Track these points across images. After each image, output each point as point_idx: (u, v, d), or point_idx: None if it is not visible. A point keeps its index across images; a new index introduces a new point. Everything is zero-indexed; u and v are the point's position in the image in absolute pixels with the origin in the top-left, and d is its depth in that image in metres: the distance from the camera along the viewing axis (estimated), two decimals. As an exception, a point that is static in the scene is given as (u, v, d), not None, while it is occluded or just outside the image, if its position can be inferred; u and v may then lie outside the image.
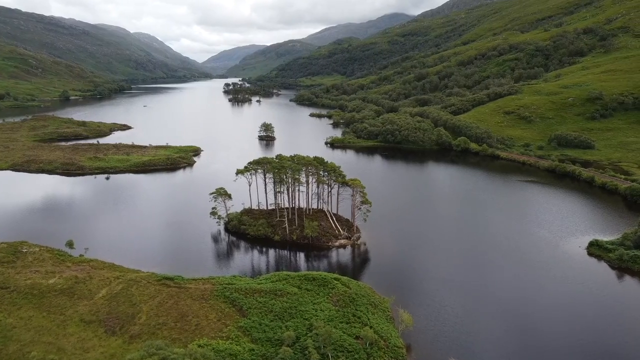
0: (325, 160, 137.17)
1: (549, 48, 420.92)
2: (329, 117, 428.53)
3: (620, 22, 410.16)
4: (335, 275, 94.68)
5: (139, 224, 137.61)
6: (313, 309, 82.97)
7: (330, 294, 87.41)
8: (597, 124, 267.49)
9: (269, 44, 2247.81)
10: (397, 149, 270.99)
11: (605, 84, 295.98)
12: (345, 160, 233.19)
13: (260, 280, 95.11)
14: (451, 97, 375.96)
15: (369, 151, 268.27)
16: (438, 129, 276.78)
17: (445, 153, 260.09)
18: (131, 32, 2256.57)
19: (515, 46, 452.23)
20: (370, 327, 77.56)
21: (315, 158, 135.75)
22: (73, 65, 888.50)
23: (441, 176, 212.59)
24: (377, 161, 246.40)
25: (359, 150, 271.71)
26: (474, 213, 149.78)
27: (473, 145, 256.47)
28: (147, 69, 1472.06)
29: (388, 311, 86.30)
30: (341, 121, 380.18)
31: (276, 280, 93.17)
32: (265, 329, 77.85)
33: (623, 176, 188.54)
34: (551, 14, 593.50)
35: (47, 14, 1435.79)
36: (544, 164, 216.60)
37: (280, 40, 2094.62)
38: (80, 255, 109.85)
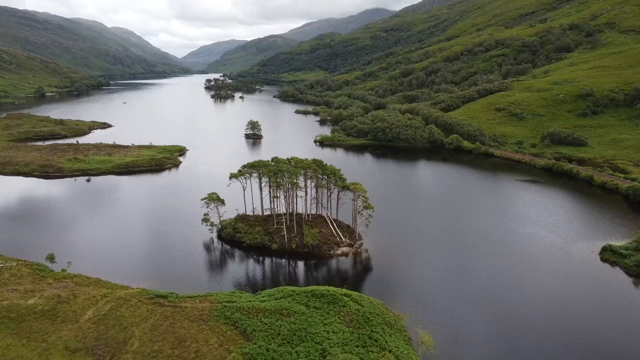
0: (325, 163, 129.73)
1: (535, 44, 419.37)
2: (315, 113, 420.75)
3: (606, 18, 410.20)
4: (345, 291, 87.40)
5: (125, 232, 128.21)
6: (324, 331, 75.61)
7: (342, 313, 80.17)
8: (588, 120, 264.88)
9: (249, 39, 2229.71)
10: (388, 147, 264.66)
11: (596, 80, 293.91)
12: (336, 159, 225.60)
13: (263, 296, 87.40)
14: (440, 94, 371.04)
15: (359, 150, 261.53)
16: (429, 127, 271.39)
17: (437, 151, 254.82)
18: (108, 26, 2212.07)
19: (502, 42, 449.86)
20: (390, 352, 70.65)
21: (314, 161, 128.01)
22: (48, 60, 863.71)
23: (437, 176, 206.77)
24: (370, 160, 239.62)
25: (349, 148, 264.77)
26: (478, 216, 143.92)
27: (466, 143, 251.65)
28: (126, 64, 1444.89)
29: (405, 331, 79.37)
30: (328, 118, 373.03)
31: (280, 297, 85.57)
32: (274, 356, 70.23)
33: (622, 175, 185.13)
34: (534, 9, 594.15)
35: (20, 7, 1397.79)
36: (540, 162, 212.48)
37: (261, 35, 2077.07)
38: (63, 270, 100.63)
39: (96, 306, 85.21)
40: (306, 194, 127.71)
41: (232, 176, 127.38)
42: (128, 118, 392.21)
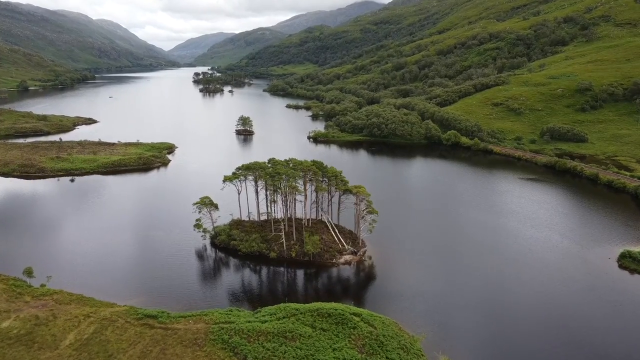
0: (325, 165, 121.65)
1: (530, 37, 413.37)
2: (307, 108, 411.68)
3: (601, 11, 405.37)
4: (354, 309, 79.65)
5: (111, 240, 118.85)
6: (334, 358, 67.89)
7: (353, 336, 72.43)
8: (587, 115, 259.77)
9: (237, 32, 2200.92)
10: (383, 143, 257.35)
11: (594, 74, 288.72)
12: (331, 157, 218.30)
13: (263, 315, 79.46)
14: (434, 88, 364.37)
15: (354, 146, 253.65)
16: (426, 122, 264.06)
17: (434, 147, 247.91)
18: (93, 18, 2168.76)
19: (496, 35, 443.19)
20: (409, 383, 63.24)
21: (314, 162, 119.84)
22: (32, 53, 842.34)
23: (438, 174, 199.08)
24: (366, 158, 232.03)
25: (343, 145, 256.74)
26: (485, 218, 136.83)
27: (464, 140, 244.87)
28: (112, 57, 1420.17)
29: (422, 355, 71.87)
30: (320, 113, 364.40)
31: (283, 317, 77.63)
32: (279, 389, 62.58)
33: (628, 173, 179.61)
34: (526, 2, 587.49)
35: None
36: (541, 159, 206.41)
37: (250, 28, 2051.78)
38: (42, 286, 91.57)
39: (78, 329, 76.84)
40: (306, 197, 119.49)
41: (226, 179, 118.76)
42: (114, 113, 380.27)
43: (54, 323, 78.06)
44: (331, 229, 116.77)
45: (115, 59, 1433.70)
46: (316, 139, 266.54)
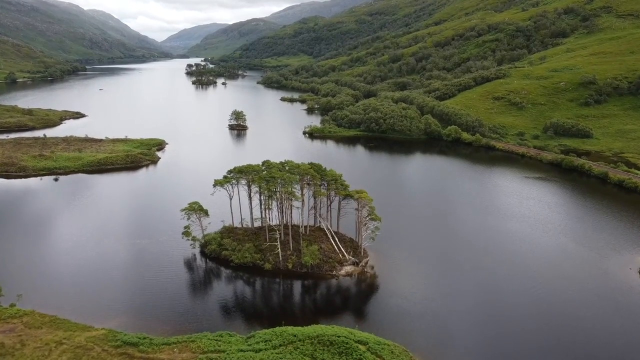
0: (324, 167, 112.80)
1: (529, 29, 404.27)
2: (302, 101, 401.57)
3: (602, 2, 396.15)
4: (359, 336, 71.09)
5: (91, 249, 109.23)
6: (338, 397, 59.69)
7: (358, 370, 64.18)
8: (591, 110, 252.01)
9: (231, 23, 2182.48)
10: (382, 138, 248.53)
11: (597, 67, 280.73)
12: (328, 153, 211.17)
13: (257, 342, 70.91)
14: (432, 81, 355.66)
15: (351, 142, 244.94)
16: (426, 117, 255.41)
17: (434, 143, 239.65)
18: (85, 9, 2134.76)
19: (494, 26, 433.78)
20: None
21: (312, 165, 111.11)
22: (21, 44, 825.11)
23: (440, 173, 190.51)
24: (364, 154, 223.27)
25: (340, 140, 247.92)
26: (494, 223, 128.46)
27: (465, 136, 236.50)
28: (103, 48, 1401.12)
29: (437, 390, 63.88)
30: (316, 107, 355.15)
31: (279, 345, 69.14)
32: None
33: (639, 172, 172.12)
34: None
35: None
36: (546, 156, 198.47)
37: (243, 19, 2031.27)
38: (11, 305, 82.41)
39: (48, 359, 68.07)
40: (303, 203, 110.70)
41: (217, 183, 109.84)
42: (104, 106, 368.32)
43: (21, 352, 69.29)
44: (331, 237, 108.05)
45: (107, 50, 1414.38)
46: (312, 134, 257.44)
